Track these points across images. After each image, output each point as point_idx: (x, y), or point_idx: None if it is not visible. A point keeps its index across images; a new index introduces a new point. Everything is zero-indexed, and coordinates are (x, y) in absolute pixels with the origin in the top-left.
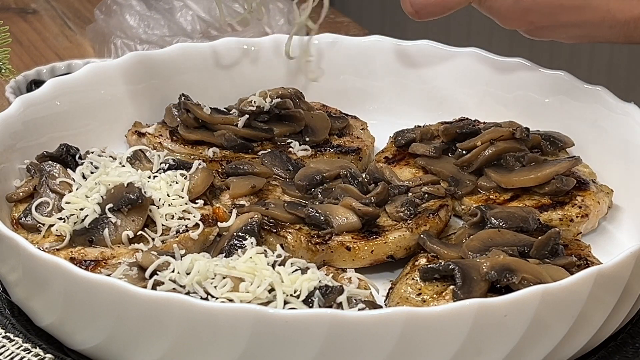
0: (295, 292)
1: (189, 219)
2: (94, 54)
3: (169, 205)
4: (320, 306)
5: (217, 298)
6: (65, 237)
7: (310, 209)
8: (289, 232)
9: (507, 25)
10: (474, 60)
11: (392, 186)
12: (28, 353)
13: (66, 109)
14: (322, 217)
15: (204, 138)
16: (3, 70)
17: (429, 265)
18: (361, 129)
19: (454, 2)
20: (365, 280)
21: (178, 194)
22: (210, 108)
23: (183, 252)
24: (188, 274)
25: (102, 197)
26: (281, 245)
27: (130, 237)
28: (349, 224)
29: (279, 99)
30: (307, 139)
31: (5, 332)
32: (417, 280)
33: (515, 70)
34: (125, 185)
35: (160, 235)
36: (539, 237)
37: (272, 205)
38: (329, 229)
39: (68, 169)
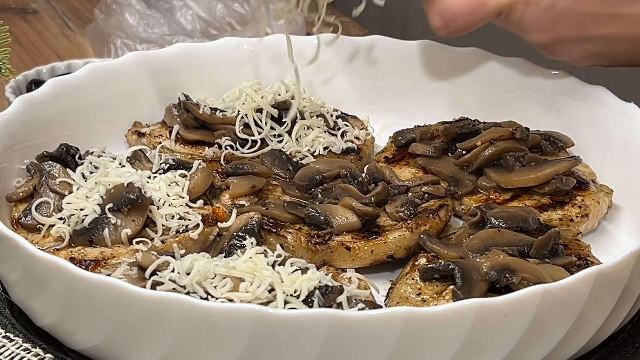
0: (295, 292)
1: (189, 219)
2: (94, 54)
3: (169, 205)
4: (320, 306)
5: (217, 298)
6: (65, 237)
7: (310, 209)
8: (289, 232)
9: (534, 37)
10: (474, 60)
11: (392, 186)
12: (28, 353)
13: (66, 109)
14: (322, 217)
15: (204, 138)
16: (3, 70)
17: (429, 265)
18: (361, 129)
19: (486, 11)
20: (365, 280)
21: (178, 194)
22: (210, 108)
23: (183, 252)
24: (188, 274)
25: (102, 197)
26: (281, 245)
27: (130, 236)
28: (349, 224)
29: (279, 99)
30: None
31: (5, 332)
32: (417, 280)
33: (515, 70)
34: (125, 185)
35: (160, 235)
36: (539, 237)
37: (272, 205)
38: (329, 229)
39: (68, 169)
